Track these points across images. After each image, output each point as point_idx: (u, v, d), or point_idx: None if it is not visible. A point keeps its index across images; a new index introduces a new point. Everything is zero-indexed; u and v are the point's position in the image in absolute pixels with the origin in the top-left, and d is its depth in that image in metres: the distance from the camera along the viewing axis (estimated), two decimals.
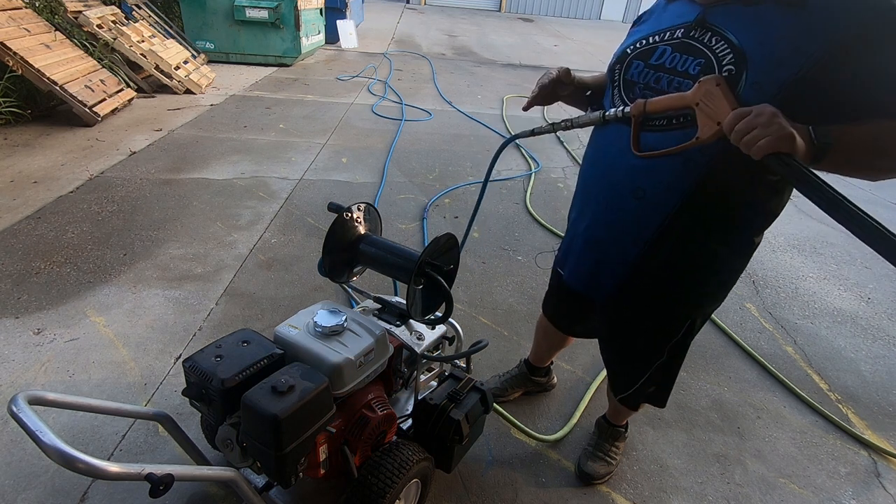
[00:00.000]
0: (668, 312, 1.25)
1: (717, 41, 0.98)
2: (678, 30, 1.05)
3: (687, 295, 1.21)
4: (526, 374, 1.92)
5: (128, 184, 3.38)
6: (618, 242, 1.19)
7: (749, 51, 0.94)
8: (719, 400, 2.10)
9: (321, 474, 1.21)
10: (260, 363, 1.14)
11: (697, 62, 1.00)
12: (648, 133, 1.06)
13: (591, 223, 1.24)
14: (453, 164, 4.25)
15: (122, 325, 2.15)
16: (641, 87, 1.09)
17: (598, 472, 1.67)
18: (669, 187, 1.07)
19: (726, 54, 0.96)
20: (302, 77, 6.65)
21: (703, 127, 0.94)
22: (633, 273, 1.19)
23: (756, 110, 0.85)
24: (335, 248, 1.35)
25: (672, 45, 1.05)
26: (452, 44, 10.61)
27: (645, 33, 1.12)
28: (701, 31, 1.01)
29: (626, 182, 1.12)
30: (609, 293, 1.25)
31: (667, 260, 1.15)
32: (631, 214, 1.14)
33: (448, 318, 1.33)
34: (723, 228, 1.11)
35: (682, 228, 1.10)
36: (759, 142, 0.83)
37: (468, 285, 2.67)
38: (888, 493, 1.77)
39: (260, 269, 2.63)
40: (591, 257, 1.26)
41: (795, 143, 0.83)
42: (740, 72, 0.94)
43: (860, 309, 2.85)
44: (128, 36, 5.14)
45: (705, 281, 1.19)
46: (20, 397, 0.96)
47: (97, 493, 1.48)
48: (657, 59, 1.07)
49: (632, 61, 1.12)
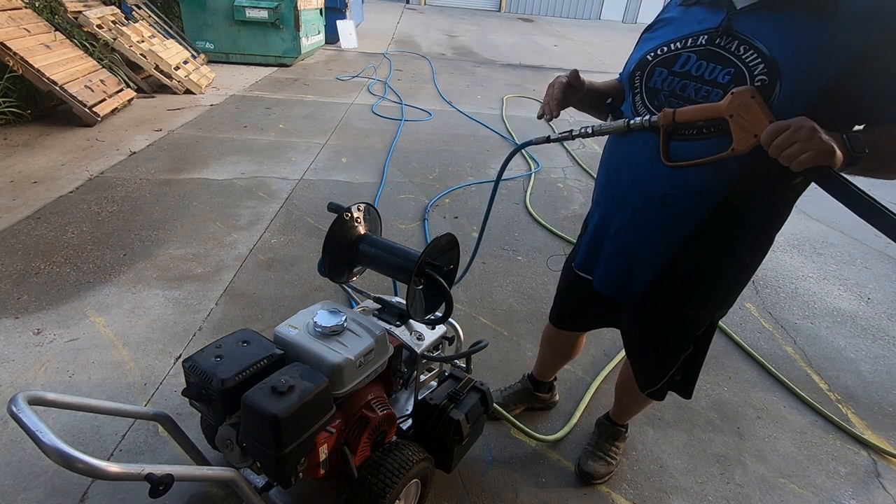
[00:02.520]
0: (694, 311, 1.26)
1: (746, 50, 0.97)
2: (702, 36, 1.03)
3: (713, 294, 1.23)
4: (530, 389, 1.90)
5: (128, 184, 3.38)
6: (647, 248, 1.18)
7: (781, 61, 0.93)
8: (719, 400, 2.10)
9: (321, 474, 1.21)
10: (260, 363, 1.14)
11: (727, 71, 0.99)
12: (677, 142, 1.05)
13: (620, 229, 1.23)
14: (453, 165, 4.25)
15: (122, 326, 2.15)
16: (667, 95, 1.08)
17: (598, 471, 1.67)
18: (700, 194, 1.06)
19: (757, 64, 0.95)
20: (302, 77, 6.65)
21: (739, 139, 0.94)
22: (662, 277, 1.19)
23: (795, 124, 0.85)
24: (335, 248, 1.35)
25: (696, 52, 1.03)
26: (452, 44, 10.61)
27: (665, 39, 1.10)
28: (727, 38, 0.99)
29: (655, 189, 1.11)
30: (639, 296, 1.25)
31: (695, 264, 1.15)
32: (660, 220, 1.13)
33: (448, 318, 1.33)
34: (750, 232, 1.12)
35: (712, 234, 1.10)
36: (801, 156, 0.84)
37: (468, 285, 2.67)
38: (888, 493, 1.77)
39: (260, 270, 2.63)
40: (621, 263, 1.25)
41: (835, 157, 0.85)
42: (773, 82, 0.93)
43: (860, 309, 2.85)
44: (128, 36, 5.14)
45: (731, 284, 1.22)
46: (20, 397, 0.96)
47: (97, 493, 1.48)
48: (682, 67, 1.05)
49: (654, 68, 1.10)
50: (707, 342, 1.34)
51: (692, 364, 1.38)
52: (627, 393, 1.63)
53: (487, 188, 3.88)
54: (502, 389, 1.93)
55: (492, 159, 4.46)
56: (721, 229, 1.09)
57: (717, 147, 0.98)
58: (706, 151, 1.00)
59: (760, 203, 1.07)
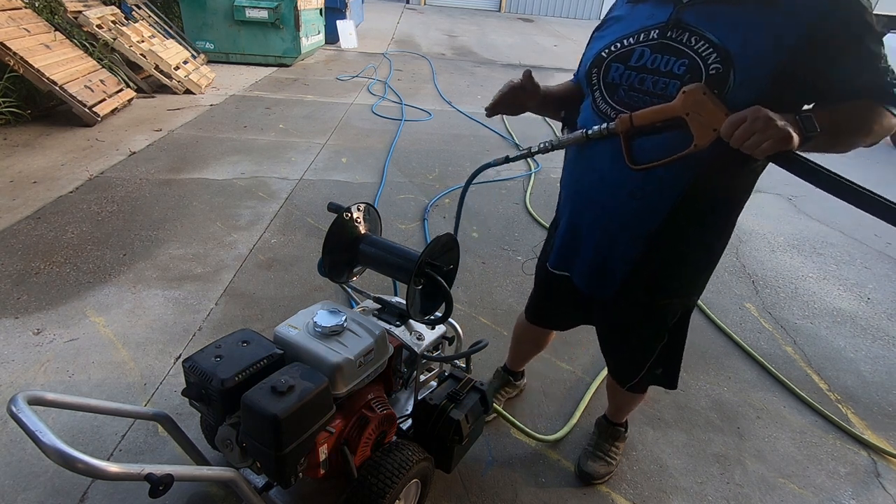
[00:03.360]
0: (668, 301, 1.28)
1: (697, 41, 1.00)
2: (653, 31, 1.06)
3: (684, 282, 1.26)
4: (506, 380, 1.94)
5: (127, 184, 3.37)
6: (620, 242, 1.21)
7: (733, 50, 0.96)
8: (719, 400, 2.10)
9: (321, 474, 1.21)
10: (260, 363, 1.14)
11: (682, 62, 1.02)
12: (642, 138, 1.07)
13: (592, 226, 1.25)
14: (453, 165, 4.25)
15: (122, 326, 2.15)
16: (626, 89, 1.10)
17: (598, 472, 1.67)
18: (667, 187, 1.09)
19: (710, 53, 0.98)
20: (302, 77, 6.65)
21: (699, 135, 0.96)
22: (637, 269, 1.21)
23: (751, 115, 0.88)
24: (335, 248, 1.35)
25: (650, 46, 1.06)
26: (452, 44, 10.61)
27: (617, 36, 1.13)
28: (677, 31, 1.03)
29: (623, 185, 1.13)
30: (616, 291, 1.27)
31: (667, 253, 1.18)
32: (631, 215, 1.16)
33: (448, 318, 1.33)
34: (716, 218, 1.16)
35: (681, 223, 1.13)
36: (763, 145, 0.88)
37: (468, 285, 2.67)
38: (888, 493, 1.77)
39: (260, 269, 2.63)
40: (597, 259, 1.27)
41: (793, 141, 0.88)
42: (727, 71, 0.97)
43: (860, 309, 2.86)
44: (127, 36, 5.14)
45: (701, 268, 1.25)
46: (20, 397, 0.96)
47: (97, 493, 1.48)
48: (637, 61, 1.08)
49: (610, 64, 1.12)
50: (683, 331, 1.36)
51: (671, 354, 1.39)
52: (614, 391, 1.65)
53: (488, 188, 3.88)
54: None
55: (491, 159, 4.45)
56: (689, 218, 1.13)
57: (680, 138, 1.00)
58: (670, 143, 1.02)
59: (724, 190, 1.11)
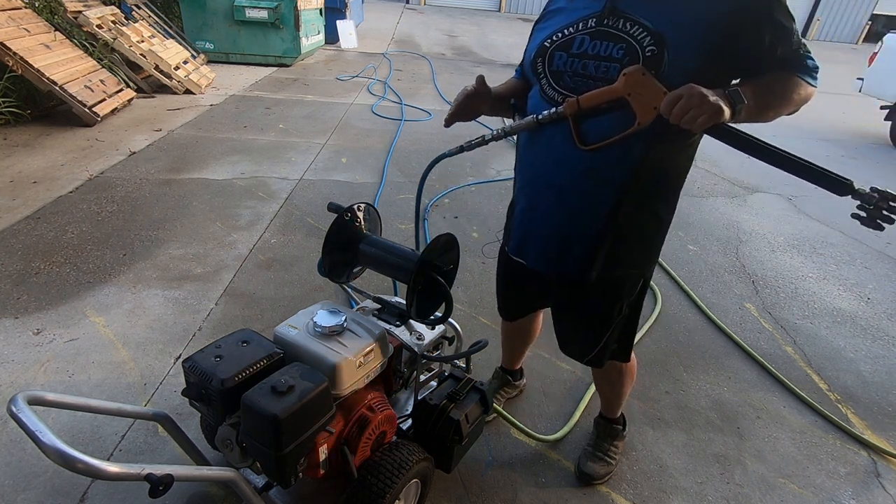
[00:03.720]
0: (626, 275, 1.33)
1: (632, 26, 1.08)
2: (590, 19, 1.14)
3: (641, 254, 1.32)
4: (505, 381, 1.94)
5: (127, 184, 3.37)
6: (579, 221, 1.25)
7: (666, 33, 1.05)
8: (719, 400, 2.10)
9: (321, 474, 1.21)
10: (260, 363, 1.14)
11: (619, 46, 1.09)
12: (590, 119, 1.14)
13: (549, 209, 1.29)
14: (453, 165, 4.25)
15: (122, 326, 2.15)
16: (570, 75, 1.17)
17: (597, 472, 1.67)
18: (617, 164, 1.16)
19: (645, 37, 1.06)
20: (302, 77, 6.65)
21: (641, 113, 1.04)
22: (597, 245, 1.26)
23: (686, 92, 0.97)
24: (335, 249, 1.35)
25: (589, 34, 1.14)
26: (452, 44, 10.61)
27: (558, 26, 1.20)
28: (613, 18, 1.11)
29: (577, 166, 1.19)
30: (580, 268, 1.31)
31: (623, 228, 1.24)
32: (586, 194, 1.21)
33: (448, 318, 1.33)
34: (664, 191, 1.24)
35: (633, 198, 1.20)
36: (699, 119, 0.97)
37: (468, 285, 2.67)
38: (888, 493, 1.77)
39: (260, 270, 2.63)
40: (557, 240, 1.31)
41: (725, 114, 0.97)
42: (662, 52, 1.05)
43: (860, 309, 2.86)
44: (127, 36, 5.14)
45: (654, 239, 1.32)
46: (20, 397, 0.96)
47: (97, 493, 1.48)
48: (578, 49, 1.15)
49: (554, 53, 1.19)
50: (639, 305, 1.41)
51: (626, 329, 1.44)
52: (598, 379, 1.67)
53: (488, 188, 3.88)
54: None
55: (492, 159, 4.46)
56: (640, 192, 1.19)
57: (625, 117, 1.07)
58: (615, 123, 1.10)
59: (669, 163, 1.20)
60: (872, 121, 7.02)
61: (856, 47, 18.42)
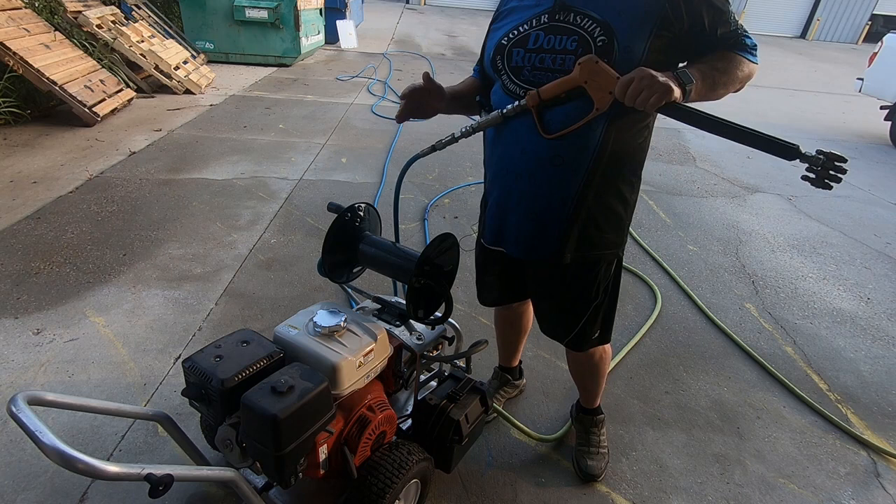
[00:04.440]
0: (599, 256, 1.37)
1: (582, 19, 1.14)
2: (542, 16, 1.20)
3: (613, 237, 1.36)
4: (505, 380, 1.95)
5: (127, 184, 3.37)
6: (551, 207, 1.29)
7: (613, 22, 1.12)
8: (719, 400, 2.10)
9: (321, 474, 1.21)
10: (259, 363, 1.14)
11: (572, 39, 1.16)
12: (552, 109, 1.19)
13: (522, 197, 1.32)
14: (453, 165, 4.25)
15: (122, 326, 2.15)
16: (529, 69, 1.22)
17: (599, 468, 1.68)
18: (581, 149, 1.21)
19: (594, 28, 1.13)
20: (302, 77, 6.65)
21: (598, 99, 1.11)
22: (569, 228, 1.30)
23: (637, 75, 1.03)
24: (335, 249, 1.35)
25: (543, 29, 1.20)
26: (452, 44, 10.62)
27: (513, 25, 1.26)
28: (563, 13, 1.17)
29: (543, 153, 1.24)
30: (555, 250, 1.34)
31: (593, 209, 1.29)
32: (555, 180, 1.26)
33: (448, 318, 1.33)
34: (626, 172, 1.30)
35: (599, 180, 1.25)
36: (651, 100, 1.03)
37: (468, 285, 2.67)
38: (888, 493, 1.77)
39: (259, 270, 2.63)
40: (531, 227, 1.34)
41: (674, 93, 1.03)
42: (611, 41, 1.12)
43: (860, 309, 2.85)
44: (127, 36, 5.14)
45: (621, 219, 1.36)
46: (20, 398, 0.96)
47: (96, 493, 1.48)
48: (534, 44, 1.21)
49: (511, 50, 1.24)
50: (616, 286, 1.45)
51: (606, 315, 1.48)
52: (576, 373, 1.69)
53: None
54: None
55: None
56: (605, 174, 1.25)
57: (584, 104, 1.13)
58: (576, 111, 1.15)
59: (627, 145, 1.25)
60: (872, 121, 7.02)
61: (856, 47, 18.41)
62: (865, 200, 4.50)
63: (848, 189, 4.76)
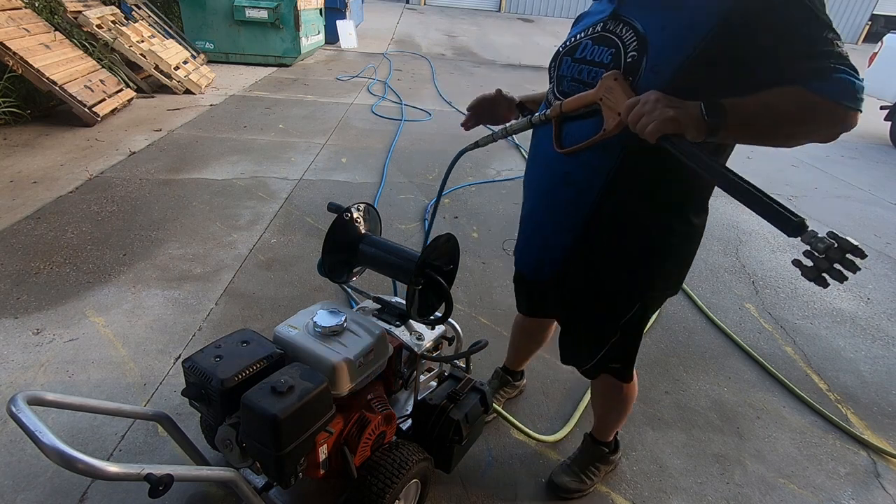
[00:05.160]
0: (612, 293, 1.27)
1: (627, 30, 1.05)
2: (598, 24, 1.12)
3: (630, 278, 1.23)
4: (506, 381, 1.93)
5: (127, 184, 3.37)
6: (556, 227, 1.25)
7: (651, 36, 1.00)
8: (719, 400, 2.10)
9: (321, 475, 1.21)
10: (259, 363, 1.14)
11: (609, 52, 1.07)
12: (572, 123, 1.13)
13: (532, 210, 1.31)
14: None
15: (122, 326, 2.15)
16: (569, 80, 1.16)
17: (567, 485, 1.60)
18: (594, 170, 1.12)
19: (632, 42, 1.02)
20: (302, 77, 6.65)
21: (607, 119, 1.01)
22: (572, 255, 1.24)
23: (643, 98, 0.90)
24: (335, 249, 1.35)
25: (592, 39, 1.12)
26: (452, 44, 10.62)
27: (575, 32, 1.21)
28: (615, 23, 1.08)
29: (558, 166, 1.19)
30: (552, 274, 1.30)
31: (603, 243, 1.20)
32: (564, 200, 1.20)
33: (448, 318, 1.33)
34: (654, 211, 1.14)
35: (612, 209, 1.15)
36: (648, 127, 0.89)
37: (468, 285, 2.67)
38: (888, 493, 1.77)
39: (259, 270, 2.63)
40: (536, 242, 1.32)
41: (680, 124, 0.87)
42: (640, 58, 1.00)
43: (860, 309, 2.86)
44: (127, 36, 5.14)
45: (648, 266, 1.21)
46: (19, 397, 0.96)
47: (96, 493, 1.48)
48: (580, 54, 1.14)
49: (562, 58, 1.20)
50: (638, 330, 1.33)
51: (625, 351, 1.37)
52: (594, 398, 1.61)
53: (488, 188, 3.88)
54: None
55: (492, 160, 4.46)
56: (622, 205, 1.13)
57: (599, 124, 1.04)
58: (590, 129, 1.06)
59: (655, 180, 1.09)
60: (872, 121, 7.01)
61: (856, 47, 18.40)
62: (865, 200, 4.50)
63: (848, 189, 4.76)
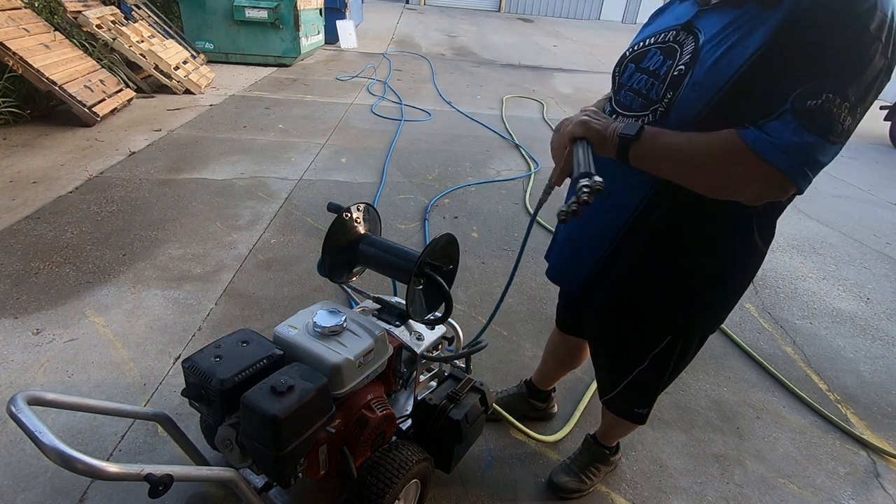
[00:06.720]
0: (642, 319, 1.20)
1: (691, 42, 0.96)
2: (671, 32, 1.02)
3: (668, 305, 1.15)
4: (525, 395, 1.88)
5: (127, 184, 3.37)
6: (588, 240, 1.22)
7: (704, 51, 0.92)
8: (719, 400, 2.10)
9: (321, 475, 1.21)
10: (259, 363, 1.14)
11: (668, 63, 0.99)
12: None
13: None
14: (453, 165, 4.25)
15: (122, 326, 2.15)
16: (626, 90, 1.08)
17: (566, 485, 1.60)
18: (632, 187, 1.06)
19: (688, 55, 0.95)
20: (301, 77, 6.65)
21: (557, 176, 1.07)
22: (602, 272, 1.20)
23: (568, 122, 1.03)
24: (334, 249, 1.35)
25: (661, 48, 1.02)
26: (452, 44, 10.62)
27: (645, 35, 1.10)
28: (686, 33, 0.98)
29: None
30: (581, 286, 1.27)
31: (637, 262, 1.12)
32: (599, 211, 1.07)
33: (448, 318, 1.33)
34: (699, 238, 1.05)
35: (649, 230, 1.08)
36: (566, 129, 1.00)
37: (468, 285, 2.67)
38: (887, 493, 1.77)
39: (259, 270, 2.63)
40: (568, 253, 1.32)
41: (589, 130, 0.97)
42: (686, 73, 0.93)
43: (859, 309, 2.86)
44: (127, 36, 5.14)
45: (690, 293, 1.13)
46: (19, 398, 0.96)
47: (96, 493, 1.48)
48: (645, 63, 1.04)
49: (627, 65, 1.10)
50: (665, 366, 1.25)
51: (648, 386, 1.31)
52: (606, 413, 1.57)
53: (488, 188, 3.88)
54: (498, 392, 1.92)
55: (491, 160, 4.46)
56: (660, 227, 1.06)
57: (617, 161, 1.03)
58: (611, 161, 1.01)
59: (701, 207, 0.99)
60: (872, 121, 7.01)
61: None
62: (865, 200, 4.51)
63: (848, 189, 4.77)
